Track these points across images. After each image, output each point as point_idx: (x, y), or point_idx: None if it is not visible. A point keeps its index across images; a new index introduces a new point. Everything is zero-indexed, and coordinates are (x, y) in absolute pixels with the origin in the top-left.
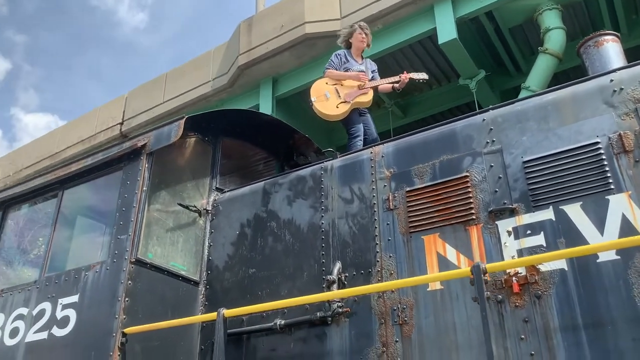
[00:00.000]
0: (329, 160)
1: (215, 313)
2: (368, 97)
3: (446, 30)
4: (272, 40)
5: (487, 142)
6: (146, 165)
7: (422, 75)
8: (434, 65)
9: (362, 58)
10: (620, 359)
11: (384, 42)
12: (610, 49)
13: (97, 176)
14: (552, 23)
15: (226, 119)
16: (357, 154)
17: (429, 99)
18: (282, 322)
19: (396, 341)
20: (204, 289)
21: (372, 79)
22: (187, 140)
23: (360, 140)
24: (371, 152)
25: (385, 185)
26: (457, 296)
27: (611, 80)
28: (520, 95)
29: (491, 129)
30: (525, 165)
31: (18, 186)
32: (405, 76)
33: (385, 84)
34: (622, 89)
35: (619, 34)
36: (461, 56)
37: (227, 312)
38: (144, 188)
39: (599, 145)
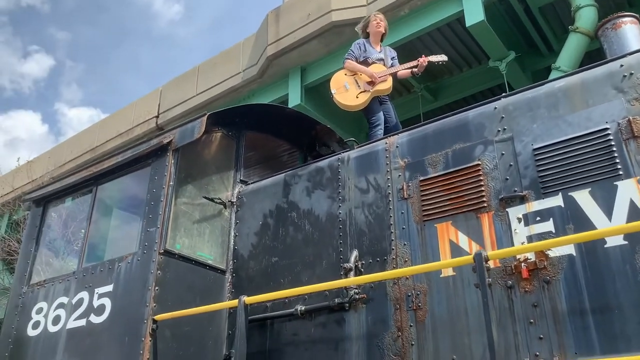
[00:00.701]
0: (346, 151)
1: (237, 300)
2: (387, 84)
3: (473, 13)
4: (300, 29)
5: (499, 130)
6: (172, 161)
7: (441, 57)
8: (463, 47)
9: (381, 46)
10: (626, 343)
11: (411, 27)
12: (629, 31)
13: (127, 172)
14: (582, 1)
15: (249, 114)
16: (373, 144)
17: (459, 82)
18: (303, 308)
19: (410, 326)
20: (230, 277)
21: (392, 65)
22: (212, 135)
23: (381, 129)
24: (386, 143)
25: (399, 175)
26: (469, 282)
27: (621, 66)
28: (551, 76)
29: (502, 117)
30: (536, 153)
31: (56, 183)
32: (424, 59)
33: (404, 70)
34: (632, 73)
35: (638, 15)
36: (490, 38)
37: (248, 300)
38: (171, 183)
39: (608, 131)
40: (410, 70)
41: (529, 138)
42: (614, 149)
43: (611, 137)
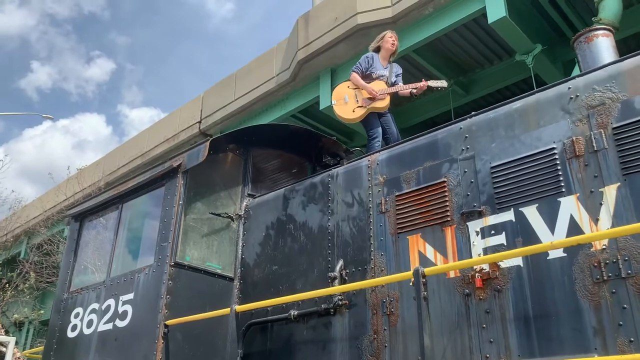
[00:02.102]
0: (336, 167)
1: (229, 308)
2: (384, 102)
3: (495, 9)
4: (327, 33)
5: (463, 149)
6: (182, 182)
7: (441, 83)
8: (492, 41)
9: (389, 62)
10: (560, 346)
11: (436, 25)
12: (601, 44)
13: (146, 191)
14: None
15: (254, 134)
16: (358, 161)
17: (490, 75)
18: (296, 312)
19: (384, 329)
20: (238, 283)
21: (395, 82)
22: (220, 155)
23: (379, 142)
24: (369, 160)
25: (379, 190)
26: (434, 290)
27: (569, 88)
28: (573, 71)
29: (466, 137)
30: (493, 171)
31: (91, 200)
32: (424, 84)
33: (404, 90)
34: (577, 96)
35: (611, 28)
36: (513, 33)
37: (238, 308)
38: (180, 202)
39: (555, 151)
40: (409, 91)
41: (488, 156)
42: (559, 167)
43: (557, 157)
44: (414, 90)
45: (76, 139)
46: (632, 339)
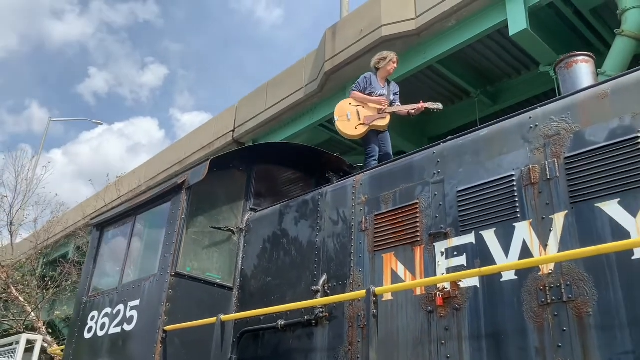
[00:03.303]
0: (326, 186)
1: (216, 318)
2: (385, 121)
3: (517, 21)
4: (353, 45)
5: (434, 173)
6: (185, 198)
7: (437, 106)
8: (517, 51)
9: (386, 83)
10: None
11: (460, 37)
12: (580, 70)
13: (156, 205)
14: (629, 3)
15: (257, 151)
16: (344, 181)
17: (517, 85)
18: (283, 322)
19: (358, 341)
20: (237, 293)
21: (393, 101)
22: (223, 171)
23: (375, 160)
24: (354, 180)
25: (361, 209)
26: (402, 306)
27: (530, 117)
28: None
29: (438, 161)
30: (459, 195)
31: (110, 211)
32: (422, 105)
33: (403, 110)
34: (536, 125)
35: (592, 55)
36: (536, 45)
37: (224, 317)
38: (183, 216)
39: (513, 178)
40: (407, 111)
41: (455, 181)
42: (516, 194)
43: (515, 183)
44: (412, 111)
45: (130, 142)
46: None
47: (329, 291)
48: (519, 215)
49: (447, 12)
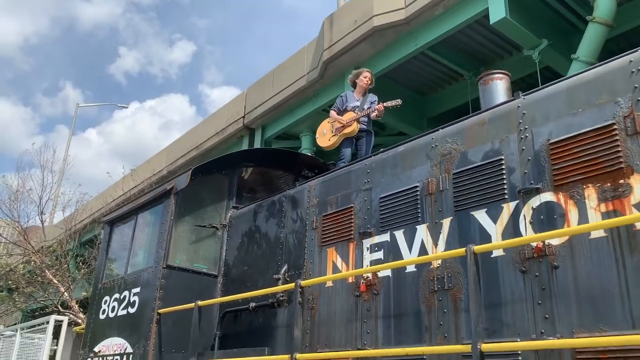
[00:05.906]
0: (289, 189)
1: (194, 304)
2: (351, 128)
3: (496, 10)
4: (348, 34)
5: (365, 182)
6: (173, 201)
7: (396, 102)
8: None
9: (364, 94)
10: (406, 338)
11: (448, 24)
12: (496, 86)
13: (152, 206)
14: None
15: (238, 157)
16: (303, 186)
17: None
18: (254, 304)
19: (308, 320)
20: (221, 280)
21: (369, 108)
22: (207, 176)
23: (344, 162)
24: (309, 185)
25: (313, 210)
26: (339, 291)
27: (432, 138)
28: (571, 68)
29: (368, 172)
30: (380, 201)
31: (119, 209)
32: (380, 106)
33: (365, 114)
34: (436, 145)
35: (507, 72)
36: (517, 31)
37: (201, 303)
38: (172, 217)
39: (417, 188)
40: (375, 113)
41: (379, 189)
42: (418, 201)
43: (418, 193)
44: (374, 113)
45: (163, 119)
46: (445, 335)
47: (288, 279)
48: (419, 219)
49: (434, 0)
